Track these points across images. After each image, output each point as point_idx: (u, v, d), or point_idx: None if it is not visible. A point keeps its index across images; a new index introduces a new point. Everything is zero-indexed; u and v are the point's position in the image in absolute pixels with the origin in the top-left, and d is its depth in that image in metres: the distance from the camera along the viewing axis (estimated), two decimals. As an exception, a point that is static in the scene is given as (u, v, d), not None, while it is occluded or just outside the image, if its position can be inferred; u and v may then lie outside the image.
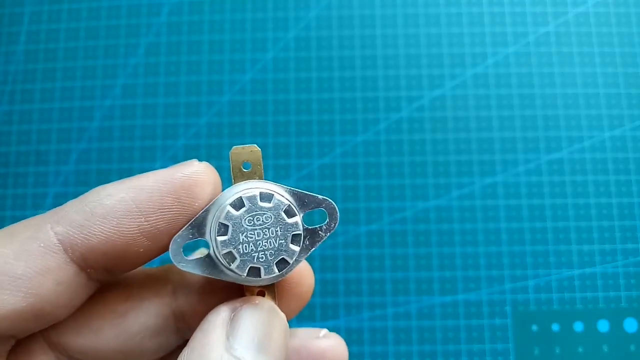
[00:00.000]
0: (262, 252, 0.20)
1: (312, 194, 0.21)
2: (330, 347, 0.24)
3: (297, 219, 0.20)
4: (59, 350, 0.22)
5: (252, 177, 0.21)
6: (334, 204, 0.21)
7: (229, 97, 0.42)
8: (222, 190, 0.21)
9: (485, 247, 0.40)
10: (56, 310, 0.20)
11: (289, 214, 0.20)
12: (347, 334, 0.39)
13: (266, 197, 0.20)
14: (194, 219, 0.20)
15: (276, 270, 0.20)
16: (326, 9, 0.43)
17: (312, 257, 0.39)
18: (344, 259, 0.40)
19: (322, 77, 0.42)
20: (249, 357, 0.19)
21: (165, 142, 0.42)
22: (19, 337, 0.21)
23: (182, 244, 0.20)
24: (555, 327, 0.39)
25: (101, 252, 0.20)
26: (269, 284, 0.22)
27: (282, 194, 0.21)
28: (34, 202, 0.41)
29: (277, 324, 0.21)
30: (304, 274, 0.24)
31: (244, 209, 0.20)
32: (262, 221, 0.20)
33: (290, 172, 0.41)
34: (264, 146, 0.41)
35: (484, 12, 0.43)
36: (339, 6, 0.44)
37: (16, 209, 0.41)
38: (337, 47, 0.43)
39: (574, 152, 0.41)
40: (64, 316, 0.21)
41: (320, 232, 0.21)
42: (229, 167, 0.22)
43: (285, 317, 0.21)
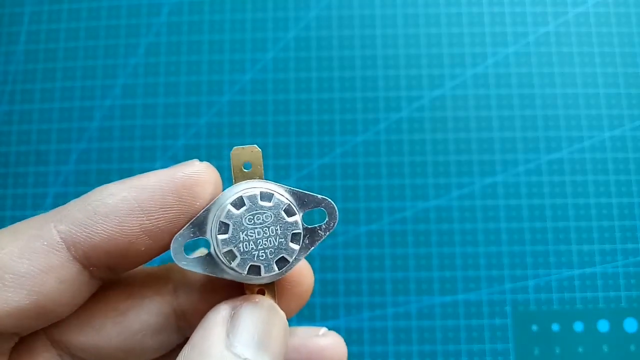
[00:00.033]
0: (262, 251, 0.20)
1: (311, 193, 0.21)
2: (329, 346, 0.25)
3: (297, 218, 0.20)
4: (61, 347, 0.22)
5: (253, 177, 0.22)
6: (333, 204, 0.21)
7: (229, 97, 0.42)
8: (223, 190, 0.22)
9: (485, 247, 0.40)
10: (59, 308, 0.20)
11: (289, 213, 0.20)
12: (347, 334, 0.39)
13: (266, 196, 0.20)
14: (195, 218, 0.21)
15: (276, 268, 0.20)
16: (326, 9, 0.44)
17: (312, 257, 0.39)
18: (344, 259, 0.40)
19: (322, 77, 0.42)
20: (249, 354, 0.19)
21: (165, 142, 0.42)
22: (22, 335, 0.21)
23: (183, 243, 0.20)
24: (555, 327, 0.39)
25: (103, 251, 0.20)
26: (269, 283, 0.22)
27: (282, 194, 0.21)
28: (34, 202, 0.41)
29: (276, 322, 0.21)
30: (303, 273, 0.24)
31: (245, 208, 0.20)
32: (263, 220, 0.20)
33: (290, 172, 0.41)
34: (264, 146, 0.41)
35: (484, 12, 0.43)
36: (339, 6, 0.44)
37: (16, 209, 0.41)
38: (337, 47, 0.43)
39: (574, 152, 0.41)
40: (66, 314, 0.21)
41: (319, 231, 0.21)
42: (229, 167, 0.22)
43: (284, 316, 0.21)
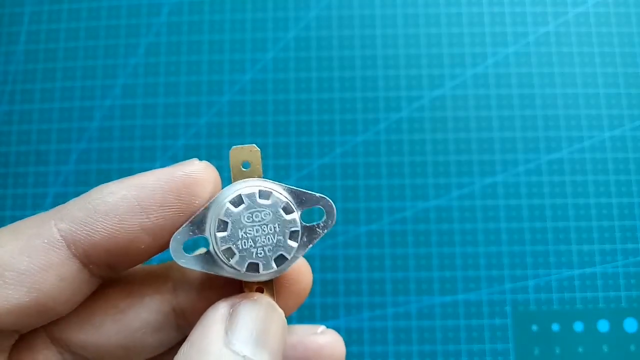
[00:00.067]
0: (261, 248, 0.20)
1: (309, 191, 0.21)
2: (327, 343, 0.25)
3: (295, 215, 0.21)
4: (61, 345, 0.22)
5: (251, 176, 0.22)
6: (331, 202, 0.22)
7: (229, 97, 0.42)
8: (222, 189, 0.22)
9: (485, 247, 0.40)
10: (59, 305, 0.20)
11: (287, 211, 0.20)
12: (347, 334, 0.39)
13: (265, 194, 0.20)
14: (194, 216, 0.21)
15: (274, 266, 0.20)
16: (326, 9, 0.44)
17: (312, 257, 0.39)
18: (344, 259, 0.40)
19: (322, 77, 0.43)
20: (247, 351, 0.19)
21: (165, 142, 0.42)
22: (22, 332, 0.21)
23: (183, 241, 0.21)
24: (555, 327, 0.39)
25: (103, 249, 0.20)
26: (268, 281, 0.22)
27: (280, 192, 0.21)
28: (34, 202, 0.41)
29: (275, 320, 0.21)
30: (302, 271, 0.24)
31: (243, 206, 0.20)
32: (261, 218, 0.20)
33: (290, 172, 0.41)
34: (264, 146, 0.41)
35: (484, 12, 0.43)
36: (339, 6, 0.44)
37: (16, 209, 0.41)
38: (337, 47, 0.43)
39: (574, 152, 0.41)
40: (66, 312, 0.21)
41: (317, 229, 0.21)
42: (229, 166, 0.22)
43: (283, 313, 0.21)
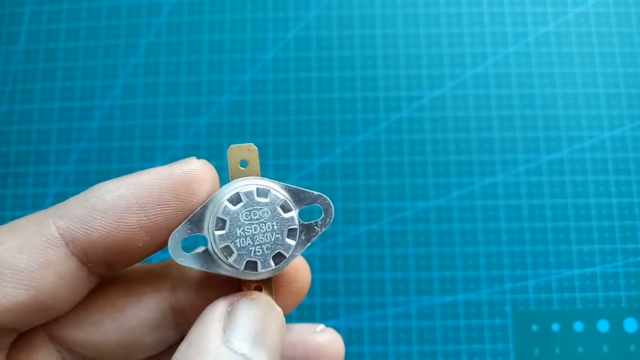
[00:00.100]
0: (259, 246, 0.20)
1: (307, 190, 0.21)
2: (327, 342, 0.25)
3: (293, 213, 0.21)
4: (60, 343, 0.22)
5: (249, 175, 0.22)
6: (329, 200, 0.22)
7: (229, 97, 0.42)
8: (220, 187, 0.22)
9: (485, 247, 0.40)
10: (57, 303, 0.20)
11: (285, 209, 0.20)
12: (347, 334, 0.39)
13: (263, 192, 0.20)
14: (193, 215, 0.21)
15: (273, 264, 0.20)
16: (326, 9, 0.44)
17: (312, 257, 0.39)
18: (344, 259, 0.40)
19: (322, 77, 0.43)
20: (246, 350, 0.19)
21: (165, 142, 0.42)
22: (21, 330, 0.21)
23: (181, 239, 0.21)
24: (555, 327, 0.39)
25: (102, 247, 0.20)
26: (266, 279, 0.22)
27: (278, 190, 0.21)
28: (34, 202, 0.42)
29: (273, 318, 0.21)
30: (300, 270, 0.24)
31: (241, 204, 0.20)
32: (259, 216, 0.20)
33: (290, 172, 0.41)
34: (264, 146, 0.42)
35: (484, 12, 0.43)
36: (339, 6, 0.44)
37: (16, 209, 0.41)
38: (337, 47, 0.43)
39: (574, 152, 0.41)
40: (65, 310, 0.21)
41: (315, 227, 0.21)
42: (228, 166, 0.22)
43: (281, 312, 0.21)
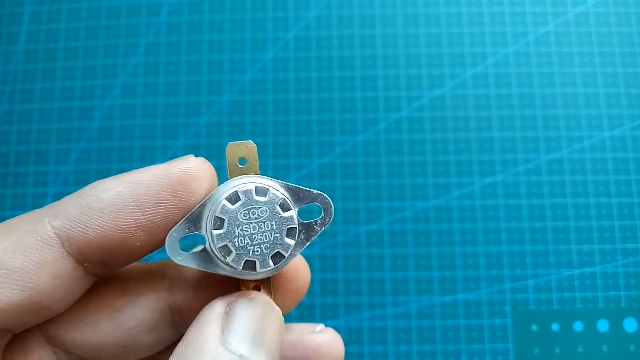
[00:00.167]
0: (258, 246, 0.20)
1: (307, 189, 0.21)
2: (326, 342, 0.24)
3: (293, 213, 0.20)
4: (56, 344, 0.22)
5: (248, 173, 0.22)
6: (329, 199, 0.21)
7: (229, 97, 0.42)
8: (219, 186, 0.21)
9: (485, 247, 0.40)
10: (53, 304, 0.20)
11: (284, 208, 0.20)
12: (347, 334, 0.39)
13: (262, 191, 0.20)
14: (191, 214, 0.20)
15: (272, 263, 0.20)
16: (326, 9, 0.44)
17: (312, 257, 0.39)
18: (344, 259, 0.40)
19: (322, 77, 0.42)
20: (244, 350, 0.19)
21: (165, 142, 0.42)
22: (16, 332, 0.21)
23: (179, 239, 0.20)
24: (555, 327, 0.39)
25: (98, 246, 0.20)
26: (265, 279, 0.22)
27: (277, 189, 0.21)
28: (34, 202, 0.41)
29: (272, 318, 0.21)
30: (299, 269, 0.24)
31: (240, 203, 0.20)
32: (258, 215, 0.20)
33: (290, 172, 0.41)
34: (264, 146, 0.41)
35: (484, 12, 0.43)
36: (339, 6, 0.44)
37: (16, 209, 0.41)
38: (337, 47, 0.43)
39: (574, 152, 0.41)
40: (61, 310, 0.21)
41: (315, 226, 0.21)
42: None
43: (280, 312, 0.21)
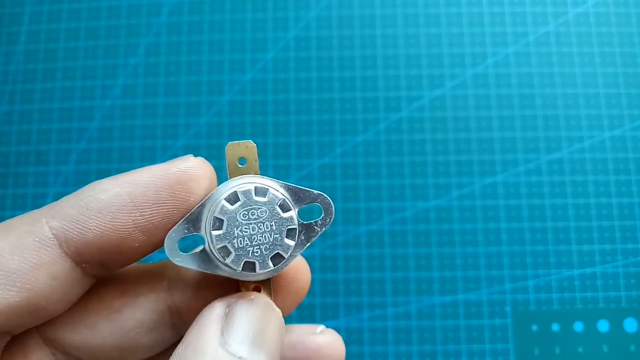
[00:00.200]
0: (257, 247, 0.20)
1: (307, 189, 0.21)
2: (327, 343, 0.24)
3: (292, 213, 0.20)
4: (55, 346, 0.22)
5: (248, 173, 0.21)
6: (329, 199, 0.21)
7: (229, 97, 0.42)
8: (218, 185, 0.21)
9: (485, 247, 0.40)
10: (51, 305, 0.20)
11: (284, 208, 0.20)
12: (347, 334, 0.39)
13: (261, 191, 0.20)
14: (189, 214, 0.20)
15: (271, 264, 0.20)
16: (326, 9, 0.44)
17: (312, 257, 0.39)
18: (344, 259, 0.40)
19: (322, 77, 0.42)
20: (244, 352, 0.19)
21: (165, 142, 0.42)
22: (14, 333, 0.20)
23: (178, 239, 0.20)
24: (555, 327, 0.38)
25: (96, 247, 0.20)
26: (265, 280, 0.22)
27: (277, 189, 0.20)
28: (34, 202, 0.41)
29: (272, 319, 0.20)
30: (300, 270, 0.24)
31: (239, 204, 0.20)
32: (257, 215, 0.20)
33: (290, 172, 0.41)
34: (264, 146, 0.41)
35: (484, 12, 0.43)
36: (339, 6, 0.44)
37: (16, 209, 0.41)
38: (337, 47, 0.43)
39: (574, 152, 0.41)
40: (59, 311, 0.21)
41: (315, 227, 0.21)
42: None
43: (280, 313, 0.21)
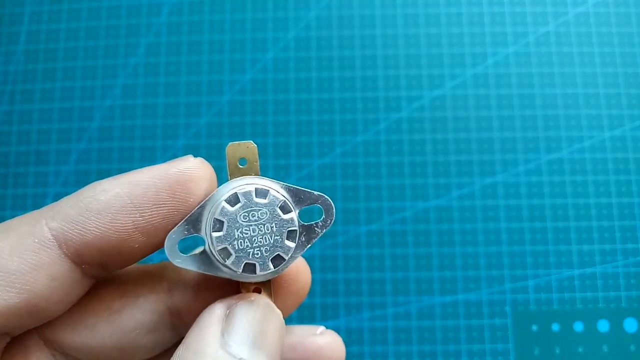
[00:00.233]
0: (258, 248, 0.20)
1: (308, 190, 0.21)
2: (327, 344, 0.24)
3: (293, 215, 0.20)
4: (54, 347, 0.22)
5: (248, 174, 0.21)
6: (330, 200, 0.21)
7: (229, 97, 0.42)
8: (218, 186, 0.21)
9: (485, 247, 0.40)
10: (51, 306, 0.20)
11: (285, 210, 0.20)
12: (347, 334, 0.39)
13: (261, 193, 0.20)
14: (190, 215, 0.20)
15: (272, 266, 0.20)
16: (326, 9, 0.43)
17: (312, 257, 0.39)
18: (344, 259, 0.40)
19: (322, 77, 0.42)
20: (244, 353, 0.19)
21: (165, 142, 0.42)
22: (14, 334, 0.20)
23: (178, 240, 0.20)
24: (555, 327, 0.39)
25: (96, 248, 0.20)
26: (265, 281, 0.21)
27: (277, 190, 0.20)
28: (34, 202, 0.41)
29: (272, 321, 0.20)
30: (300, 271, 0.24)
31: (239, 205, 0.20)
32: (258, 217, 0.20)
33: (290, 172, 0.41)
34: (264, 146, 0.41)
35: (484, 12, 0.43)
36: (339, 6, 0.44)
37: (16, 209, 0.41)
38: (337, 47, 0.43)
39: (574, 152, 0.41)
40: (59, 313, 0.21)
41: (316, 228, 0.21)
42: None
43: (281, 314, 0.21)
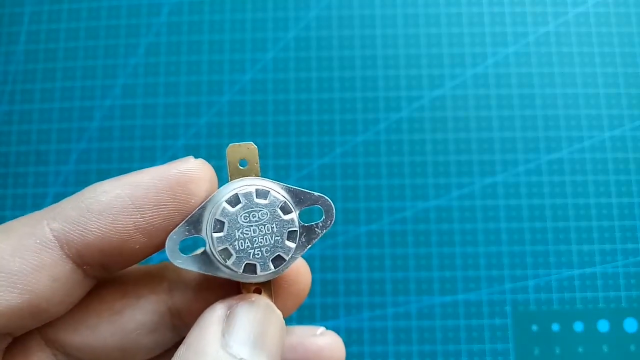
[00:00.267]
0: (258, 249, 0.20)
1: (308, 191, 0.21)
2: (327, 345, 0.24)
3: (293, 215, 0.20)
4: (56, 347, 0.22)
5: (249, 175, 0.21)
6: (330, 201, 0.21)
7: (229, 97, 0.42)
8: (219, 187, 0.21)
9: (485, 247, 0.40)
10: (52, 307, 0.20)
11: (285, 210, 0.20)
12: (347, 334, 0.39)
13: (262, 193, 0.20)
14: (190, 216, 0.20)
15: (272, 266, 0.20)
16: (326, 9, 0.43)
17: (312, 257, 0.39)
18: (344, 259, 0.40)
19: (322, 77, 0.42)
20: (245, 354, 0.19)
21: (165, 142, 0.42)
22: (16, 335, 0.20)
23: (178, 241, 0.20)
24: (555, 327, 0.39)
25: (97, 249, 0.20)
26: (266, 281, 0.22)
27: (278, 191, 0.20)
28: (34, 202, 0.41)
29: (273, 321, 0.20)
30: (300, 272, 0.24)
31: (240, 206, 0.20)
32: (258, 218, 0.20)
33: (290, 172, 0.41)
34: (264, 146, 0.41)
35: (484, 12, 0.43)
36: (339, 6, 0.44)
37: (16, 209, 0.41)
38: (337, 47, 0.43)
39: (574, 152, 0.41)
40: (60, 313, 0.21)
41: (316, 229, 0.21)
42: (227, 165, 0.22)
43: (281, 315, 0.21)
